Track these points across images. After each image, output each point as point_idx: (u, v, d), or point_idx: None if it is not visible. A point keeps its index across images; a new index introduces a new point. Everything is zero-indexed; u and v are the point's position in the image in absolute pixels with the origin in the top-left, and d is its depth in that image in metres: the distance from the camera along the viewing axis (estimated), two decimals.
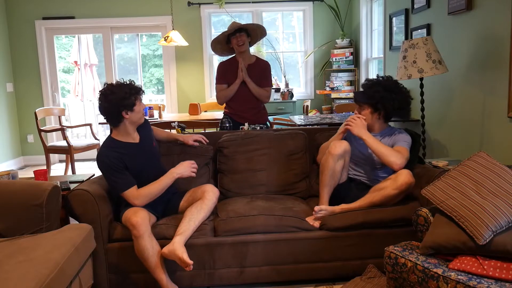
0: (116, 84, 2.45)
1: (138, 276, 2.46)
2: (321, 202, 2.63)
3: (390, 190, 2.47)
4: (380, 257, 2.46)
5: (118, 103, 2.39)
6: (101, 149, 2.48)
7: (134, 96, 2.43)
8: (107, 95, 2.41)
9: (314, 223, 2.50)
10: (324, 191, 2.63)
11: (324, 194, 2.63)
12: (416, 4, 4.09)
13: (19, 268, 1.79)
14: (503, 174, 1.99)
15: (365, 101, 2.71)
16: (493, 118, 2.97)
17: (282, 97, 6.25)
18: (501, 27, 2.82)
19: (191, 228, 2.38)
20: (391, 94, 2.65)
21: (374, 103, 2.68)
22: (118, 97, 2.38)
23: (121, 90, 2.40)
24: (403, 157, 2.55)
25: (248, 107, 3.69)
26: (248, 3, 6.29)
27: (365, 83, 2.76)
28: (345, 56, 6.14)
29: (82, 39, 7.12)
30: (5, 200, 2.25)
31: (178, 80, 6.45)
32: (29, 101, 6.29)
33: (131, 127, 2.52)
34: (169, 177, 2.49)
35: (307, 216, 2.55)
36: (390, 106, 2.66)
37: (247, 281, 2.51)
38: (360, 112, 2.74)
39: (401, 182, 2.45)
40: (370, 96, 2.68)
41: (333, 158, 2.59)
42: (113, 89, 2.41)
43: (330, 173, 2.59)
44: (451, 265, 1.84)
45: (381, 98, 2.65)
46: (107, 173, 2.43)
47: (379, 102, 2.66)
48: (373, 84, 2.71)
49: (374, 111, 2.71)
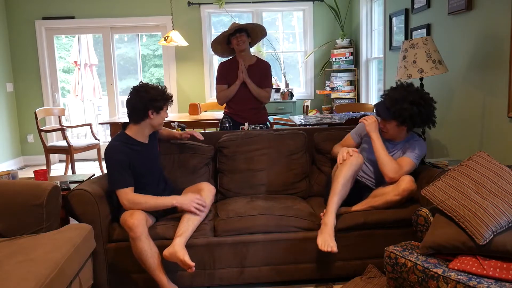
0: (151, 85, 2.52)
1: (138, 276, 2.46)
2: (327, 211, 2.43)
3: (392, 196, 2.47)
4: (380, 257, 2.46)
5: (148, 102, 2.44)
6: (112, 141, 2.50)
7: (164, 102, 2.50)
8: (139, 92, 2.47)
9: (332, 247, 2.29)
10: (333, 200, 2.44)
11: (333, 203, 2.43)
12: (416, 4, 4.09)
13: (19, 268, 1.79)
14: (503, 174, 1.99)
15: (391, 119, 2.57)
16: (493, 118, 2.97)
17: (282, 97, 6.25)
18: (501, 27, 2.82)
19: (190, 228, 2.38)
20: (420, 108, 2.51)
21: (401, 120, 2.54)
22: (150, 96, 2.45)
23: (155, 91, 2.48)
24: (400, 171, 2.51)
25: (248, 107, 3.69)
26: (248, 3, 6.29)
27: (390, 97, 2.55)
28: (345, 56, 6.14)
29: (82, 39, 7.13)
30: (5, 200, 2.25)
31: (178, 80, 6.45)
32: (29, 101, 6.29)
33: (149, 129, 2.55)
34: (168, 201, 2.45)
35: (307, 216, 2.55)
36: (418, 120, 2.53)
37: (247, 281, 2.51)
38: (385, 125, 2.62)
39: (403, 188, 2.44)
40: (398, 114, 2.51)
41: (350, 167, 2.47)
42: (148, 88, 2.48)
43: (343, 182, 2.45)
44: (451, 265, 1.85)
45: (409, 116, 2.51)
46: (111, 166, 2.44)
47: (407, 118, 2.52)
48: (400, 99, 2.51)
49: (400, 125, 2.58)
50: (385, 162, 2.53)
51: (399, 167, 2.53)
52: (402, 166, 2.54)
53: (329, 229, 2.36)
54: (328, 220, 2.39)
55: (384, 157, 2.55)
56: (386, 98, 2.60)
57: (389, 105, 2.55)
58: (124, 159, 2.43)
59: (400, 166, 2.53)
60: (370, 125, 2.64)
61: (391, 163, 2.53)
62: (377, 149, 2.58)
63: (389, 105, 2.55)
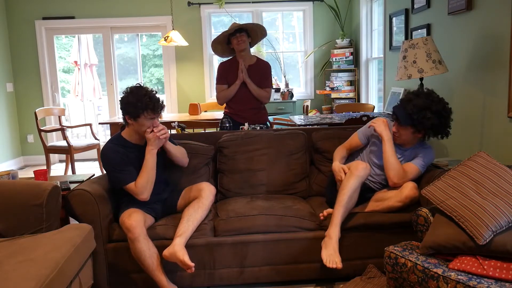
0: (138, 88, 2.39)
1: (138, 276, 2.46)
2: (332, 223, 2.38)
3: (394, 202, 2.46)
4: (380, 257, 2.46)
5: (124, 106, 2.38)
6: (107, 143, 2.49)
7: (140, 110, 2.35)
8: (124, 93, 2.41)
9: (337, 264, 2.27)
10: (339, 211, 2.38)
11: (339, 215, 2.38)
12: (416, 4, 4.09)
13: (19, 268, 1.79)
14: (503, 174, 1.99)
15: (410, 125, 2.50)
16: (493, 118, 2.97)
17: (282, 97, 6.25)
18: (501, 27, 2.82)
19: (190, 228, 2.38)
20: (441, 119, 2.47)
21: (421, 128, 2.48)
22: (126, 100, 2.37)
23: (132, 97, 2.35)
24: (405, 178, 2.49)
25: (248, 107, 3.69)
26: (248, 3, 6.29)
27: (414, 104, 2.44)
28: (345, 56, 6.14)
29: (82, 39, 7.13)
30: (5, 200, 2.25)
31: (178, 80, 6.45)
32: (29, 101, 6.29)
33: (136, 133, 2.49)
34: (150, 155, 2.43)
35: (307, 216, 2.54)
36: (436, 130, 2.51)
37: (247, 281, 2.51)
38: (399, 130, 2.54)
39: (405, 195, 2.42)
40: (419, 122, 2.45)
41: (357, 179, 2.42)
42: (131, 91, 2.39)
43: (350, 193, 2.40)
44: (451, 265, 1.84)
45: (431, 126, 2.46)
46: (111, 167, 2.44)
47: (428, 128, 2.48)
48: (424, 108, 2.43)
49: (417, 132, 2.53)
50: (392, 166, 2.49)
51: (404, 173, 2.49)
52: (407, 172, 2.50)
53: (334, 242, 2.34)
54: (333, 232, 2.36)
55: (392, 160, 2.50)
56: (409, 104, 2.46)
57: (412, 111, 2.44)
58: (120, 159, 2.43)
59: (405, 172, 2.50)
60: (380, 126, 2.57)
61: (397, 168, 2.49)
62: (387, 151, 2.52)
63: (412, 111, 2.44)
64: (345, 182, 2.44)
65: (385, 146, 2.54)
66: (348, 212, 2.44)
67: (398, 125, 2.54)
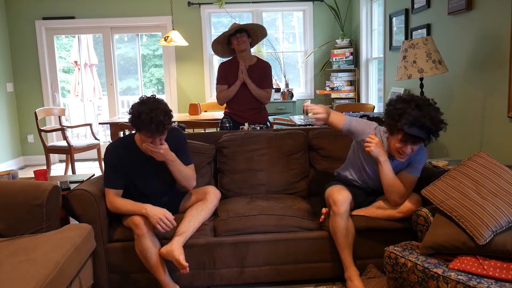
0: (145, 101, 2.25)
1: (138, 276, 2.46)
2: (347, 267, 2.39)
3: (396, 212, 2.44)
4: (380, 257, 2.46)
5: (131, 118, 2.27)
6: (115, 141, 2.48)
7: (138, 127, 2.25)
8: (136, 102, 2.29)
9: None
10: (345, 253, 2.39)
11: (347, 256, 2.39)
12: (416, 4, 4.09)
13: (19, 268, 1.80)
14: (503, 174, 1.99)
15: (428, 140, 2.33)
16: (493, 118, 2.97)
17: (282, 97, 6.25)
18: (501, 27, 2.82)
19: (190, 229, 2.38)
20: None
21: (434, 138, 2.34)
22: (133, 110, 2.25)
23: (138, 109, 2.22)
24: (407, 193, 2.42)
25: (248, 107, 3.69)
26: (248, 3, 6.29)
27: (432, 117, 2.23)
28: (345, 56, 6.14)
29: (82, 39, 7.13)
30: (5, 200, 2.25)
31: (178, 80, 6.45)
32: (29, 101, 6.29)
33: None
34: (140, 208, 2.34)
35: (307, 215, 2.54)
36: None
37: (247, 281, 2.51)
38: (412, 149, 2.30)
39: (408, 208, 2.39)
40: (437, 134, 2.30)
41: (342, 217, 2.37)
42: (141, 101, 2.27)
43: (344, 233, 2.37)
44: (451, 265, 1.85)
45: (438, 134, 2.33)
46: (105, 163, 2.43)
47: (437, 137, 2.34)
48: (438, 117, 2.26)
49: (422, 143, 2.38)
50: (393, 189, 2.40)
51: (405, 190, 2.42)
52: (408, 188, 2.44)
53: (357, 282, 2.34)
54: (352, 274, 2.37)
55: (392, 182, 2.40)
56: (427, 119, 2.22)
57: (431, 125, 2.23)
58: (116, 162, 2.39)
59: (406, 189, 2.43)
60: (376, 149, 2.38)
61: (398, 189, 2.40)
62: (385, 174, 2.41)
63: (431, 125, 2.23)
64: (332, 224, 2.40)
65: (382, 169, 2.41)
66: (352, 247, 2.41)
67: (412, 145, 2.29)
